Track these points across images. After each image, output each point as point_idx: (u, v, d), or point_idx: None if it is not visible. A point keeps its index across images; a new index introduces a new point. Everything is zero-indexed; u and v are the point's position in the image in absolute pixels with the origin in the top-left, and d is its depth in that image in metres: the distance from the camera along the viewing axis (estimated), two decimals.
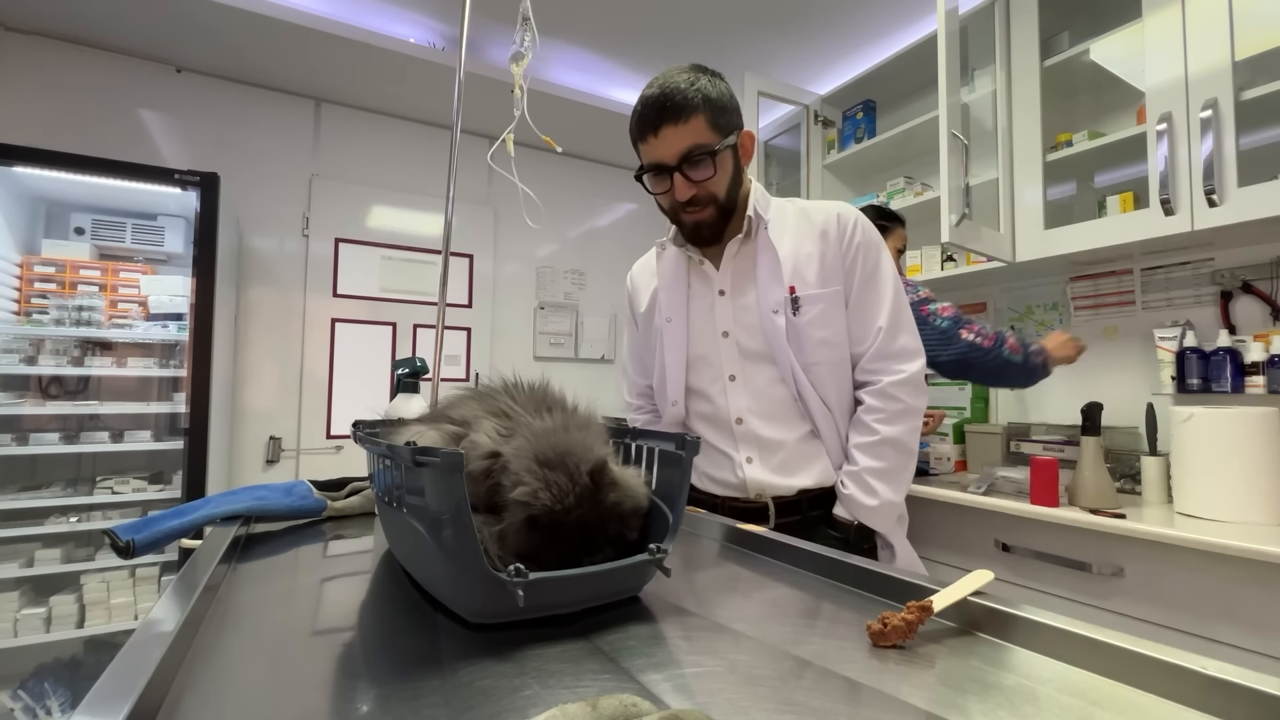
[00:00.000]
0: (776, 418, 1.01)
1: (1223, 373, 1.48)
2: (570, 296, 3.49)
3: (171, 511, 0.76)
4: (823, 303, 0.99)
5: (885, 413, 0.98)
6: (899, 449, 0.98)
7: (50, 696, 1.95)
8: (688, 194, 0.97)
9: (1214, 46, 1.38)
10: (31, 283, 2.18)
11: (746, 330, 1.02)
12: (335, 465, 2.81)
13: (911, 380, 0.98)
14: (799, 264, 1.00)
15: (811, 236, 1.02)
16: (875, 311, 1.01)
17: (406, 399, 1.14)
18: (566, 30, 2.50)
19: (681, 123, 0.92)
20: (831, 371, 1.00)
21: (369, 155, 2.98)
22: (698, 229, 1.02)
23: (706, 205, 0.99)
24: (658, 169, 0.97)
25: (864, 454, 0.98)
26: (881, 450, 0.97)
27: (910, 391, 0.98)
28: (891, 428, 0.97)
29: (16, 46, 2.33)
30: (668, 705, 0.35)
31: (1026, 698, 0.38)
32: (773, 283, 1.00)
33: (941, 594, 0.49)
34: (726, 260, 1.05)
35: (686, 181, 0.96)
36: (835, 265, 1.00)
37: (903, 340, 1.00)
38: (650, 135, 0.95)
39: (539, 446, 0.54)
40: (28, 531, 2.03)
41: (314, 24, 2.34)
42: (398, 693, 0.38)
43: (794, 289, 0.99)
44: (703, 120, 0.93)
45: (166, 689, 0.37)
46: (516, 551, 0.52)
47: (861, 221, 1.03)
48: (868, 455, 0.97)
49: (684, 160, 0.94)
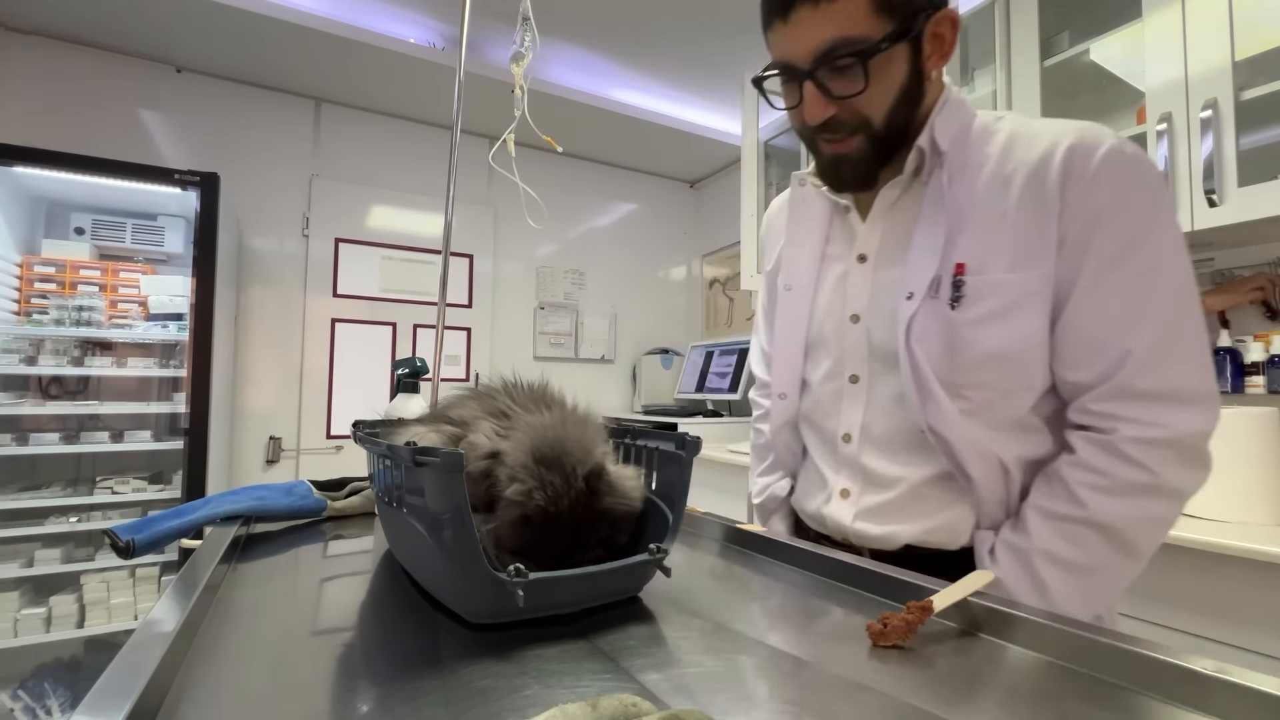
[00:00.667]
0: (896, 447, 0.70)
1: (1223, 373, 1.48)
2: (570, 296, 3.49)
3: (171, 511, 0.76)
4: (1008, 294, 0.63)
5: (1109, 480, 0.59)
6: (1115, 542, 0.60)
7: (50, 696, 1.95)
8: (821, 114, 0.65)
9: (1214, 46, 1.38)
10: (31, 283, 2.18)
11: (883, 318, 0.70)
12: (335, 465, 2.81)
13: (1181, 444, 0.59)
14: (983, 226, 0.64)
15: (1016, 181, 0.64)
16: (1125, 316, 0.60)
17: (406, 399, 1.14)
18: (566, 30, 2.50)
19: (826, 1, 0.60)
20: (1000, 403, 0.65)
21: (369, 155, 2.98)
22: (836, 166, 0.70)
23: (853, 132, 0.66)
24: (786, 71, 0.65)
25: (1047, 529, 0.61)
26: (1080, 534, 0.60)
27: (1174, 460, 0.59)
28: (1114, 504, 0.59)
29: (16, 46, 2.33)
30: (668, 705, 0.35)
31: (1026, 698, 0.38)
32: (927, 252, 0.66)
33: (941, 594, 0.49)
34: (878, 212, 0.73)
35: (821, 95, 0.64)
36: (1047, 234, 0.62)
37: (1175, 372, 0.59)
38: (778, 18, 0.63)
39: (537, 442, 0.54)
40: (28, 531, 2.03)
41: (314, 24, 2.34)
42: (398, 693, 0.38)
43: (962, 268, 0.64)
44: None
45: (166, 689, 0.37)
46: (510, 547, 0.52)
47: (1116, 157, 0.61)
48: (1054, 534, 0.61)
49: (821, 61, 0.62)
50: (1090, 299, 0.61)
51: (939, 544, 0.68)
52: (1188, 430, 0.59)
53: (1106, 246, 0.61)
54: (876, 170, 0.71)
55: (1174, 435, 0.59)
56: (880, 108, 0.65)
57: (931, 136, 0.67)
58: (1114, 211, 0.61)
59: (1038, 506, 0.63)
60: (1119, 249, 0.61)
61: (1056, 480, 0.63)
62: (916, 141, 0.68)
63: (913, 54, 0.64)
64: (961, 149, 0.68)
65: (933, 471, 0.68)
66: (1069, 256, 0.62)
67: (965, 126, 0.69)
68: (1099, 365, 0.61)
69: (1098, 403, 0.62)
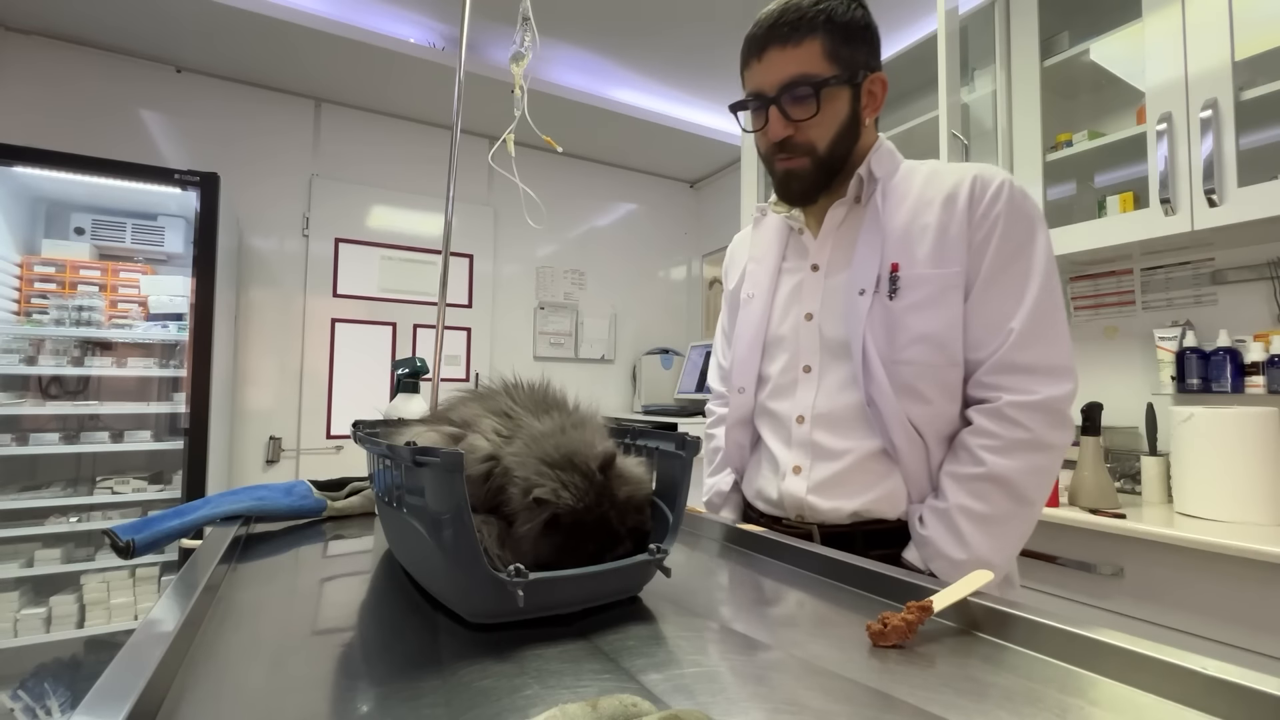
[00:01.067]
0: (843, 424, 0.82)
1: (1223, 373, 1.48)
2: (570, 296, 3.49)
3: (171, 511, 0.76)
4: (931, 286, 0.78)
5: (999, 440, 0.74)
6: (1010, 492, 0.73)
7: (50, 696, 1.95)
8: (781, 134, 0.81)
9: (1214, 46, 1.38)
10: (31, 283, 2.18)
11: (834, 314, 0.84)
12: (335, 465, 2.81)
13: (1047, 406, 0.74)
14: (911, 236, 0.80)
15: (935, 203, 0.80)
16: (1008, 307, 0.76)
17: (406, 399, 1.14)
18: (566, 30, 2.50)
19: (791, 45, 0.78)
20: (928, 378, 0.78)
21: (369, 155, 2.98)
22: (787, 180, 0.85)
23: (803, 154, 0.82)
24: (757, 99, 0.82)
25: (958, 488, 0.75)
26: (983, 489, 0.73)
27: (1043, 420, 0.73)
28: (1004, 460, 0.73)
29: (16, 46, 2.33)
30: (668, 705, 0.35)
31: (1026, 698, 0.38)
32: (869, 257, 0.81)
33: (941, 594, 0.49)
34: (827, 229, 0.88)
35: (782, 118, 0.80)
36: (959, 240, 0.78)
37: (1041, 350, 0.75)
38: (754, 59, 0.81)
39: (541, 450, 0.54)
40: (28, 531, 2.03)
41: (314, 24, 2.34)
42: (398, 693, 0.38)
43: (897, 266, 0.79)
44: (818, 46, 0.78)
45: (166, 689, 0.37)
46: (535, 557, 0.51)
47: (1009, 188, 0.79)
48: (963, 491, 0.74)
49: (784, 90, 0.79)
50: (986, 292, 0.78)
51: (881, 513, 0.80)
52: (1053, 395, 0.74)
53: (998, 253, 0.77)
54: (819, 188, 0.86)
55: (1043, 399, 0.74)
56: (825, 134, 0.82)
57: (869, 167, 0.84)
58: (1004, 227, 0.78)
59: (950, 472, 0.77)
60: (1007, 255, 0.77)
61: (961, 449, 0.77)
62: (857, 171, 0.85)
63: (853, 99, 0.82)
64: (890, 181, 0.85)
65: (874, 446, 0.80)
66: (973, 256, 0.79)
67: (894, 167, 0.87)
68: (990, 343, 0.77)
69: (987, 374, 0.77)
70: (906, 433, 0.77)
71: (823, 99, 0.79)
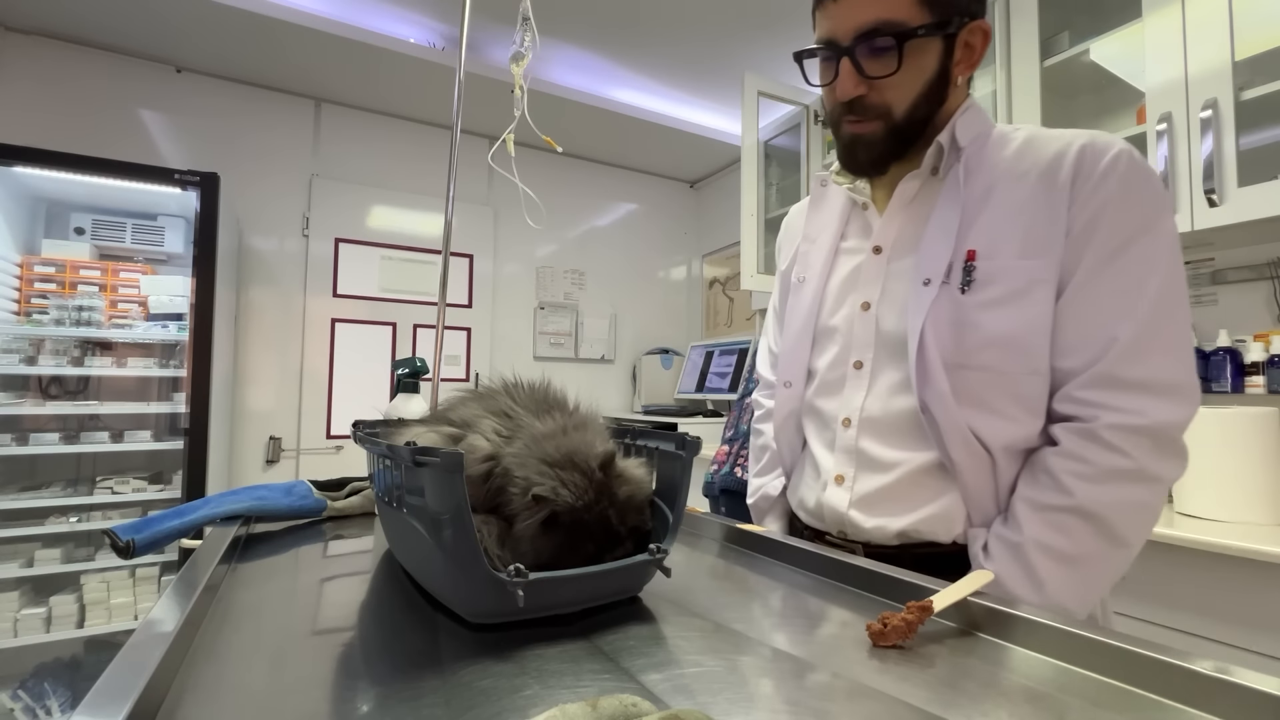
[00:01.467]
0: (893, 431, 0.71)
1: (1222, 373, 1.48)
2: (570, 296, 3.49)
3: (171, 511, 0.76)
4: (1015, 280, 0.65)
5: (1092, 467, 0.61)
6: (1101, 530, 0.61)
7: (50, 696, 1.95)
8: (852, 91, 0.68)
9: (1214, 46, 1.38)
10: (31, 283, 2.18)
11: (894, 305, 0.72)
12: (335, 465, 2.81)
13: (1158, 432, 0.60)
14: (996, 217, 0.67)
15: (1029, 177, 0.67)
16: (1115, 308, 0.62)
17: (406, 399, 1.14)
18: (566, 30, 2.50)
19: None
20: (1000, 388, 0.65)
21: (369, 155, 2.98)
22: (853, 147, 0.73)
23: (874, 117, 0.70)
24: (828, 48, 0.69)
25: (1037, 520, 0.62)
26: (1068, 523, 0.61)
27: (1151, 447, 0.61)
28: (1097, 491, 0.60)
29: (16, 46, 2.33)
30: (668, 705, 0.35)
31: (1026, 698, 0.38)
32: (941, 241, 0.68)
33: (941, 594, 0.49)
34: (897, 205, 0.75)
35: (855, 74, 0.68)
36: (1056, 224, 0.64)
37: (1157, 364, 0.61)
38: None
39: (542, 451, 0.54)
40: (28, 531, 2.03)
41: (314, 24, 2.34)
42: (398, 693, 0.38)
43: (973, 254, 0.67)
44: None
45: (166, 689, 0.37)
46: (535, 555, 0.51)
47: (1127, 160, 0.64)
48: (1043, 524, 0.62)
49: (861, 40, 0.66)
50: (1086, 288, 0.64)
51: (932, 535, 0.68)
52: (1165, 419, 0.61)
53: (1106, 240, 0.63)
54: (890, 158, 0.73)
55: (1151, 423, 0.60)
56: (905, 96, 0.69)
57: (953, 133, 0.71)
58: (1116, 209, 0.63)
59: (1026, 498, 0.65)
60: (1118, 244, 0.63)
61: (1042, 471, 0.64)
62: (937, 137, 0.71)
63: (944, 53, 0.69)
64: (979, 150, 0.71)
65: (928, 458, 0.68)
66: (1072, 246, 0.64)
67: (984, 132, 0.73)
68: (1087, 351, 0.63)
69: (1082, 390, 0.63)
70: (968, 445, 0.65)
71: (906, 53, 0.66)
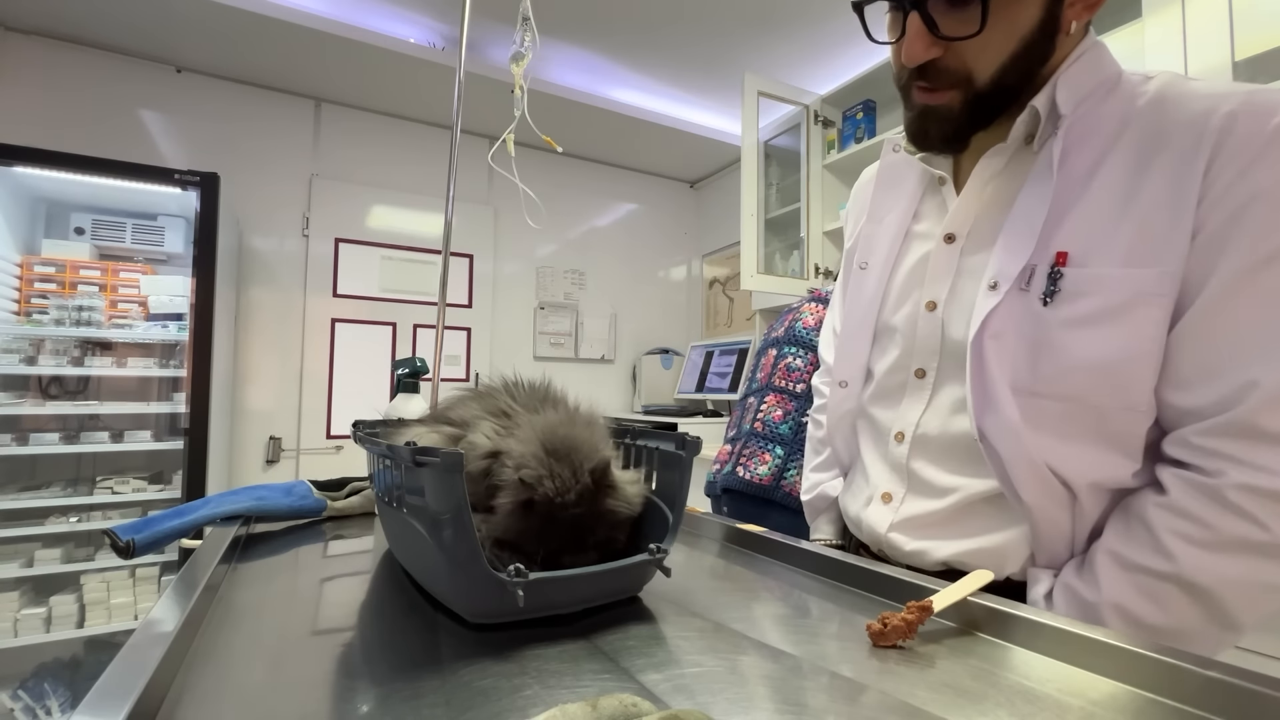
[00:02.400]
0: (953, 454, 0.61)
1: None
2: (570, 296, 3.49)
3: (171, 511, 0.76)
4: (1115, 292, 0.51)
5: (1209, 532, 0.49)
6: (1207, 607, 0.49)
7: (50, 696, 1.95)
8: (922, 55, 0.55)
9: (1214, 46, 1.38)
10: (31, 283, 2.18)
11: (964, 308, 0.60)
12: (335, 465, 2.82)
13: None
14: (1097, 209, 0.53)
15: (1152, 154, 0.52)
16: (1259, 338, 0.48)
17: (406, 399, 1.14)
18: (566, 30, 2.50)
19: None
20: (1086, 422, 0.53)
21: (369, 155, 2.98)
22: (922, 119, 0.60)
23: (950, 85, 0.57)
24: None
25: (1124, 581, 0.51)
26: (1165, 593, 0.50)
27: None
28: (1210, 561, 0.49)
29: (16, 46, 2.33)
30: (668, 705, 0.35)
31: (1026, 698, 0.38)
32: (1022, 234, 0.55)
33: (941, 594, 0.49)
34: (975, 185, 0.62)
35: (926, 32, 0.54)
36: (1179, 223, 0.50)
37: None
38: None
39: (546, 436, 0.54)
40: (28, 531, 2.03)
41: (314, 24, 2.34)
42: (398, 693, 0.38)
43: (1064, 257, 0.53)
44: None
45: (166, 689, 0.37)
46: (505, 534, 0.51)
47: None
48: (1130, 585, 0.51)
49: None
50: (1219, 307, 0.49)
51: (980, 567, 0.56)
52: None
53: (1254, 246, 0.47)
54: (967, 132, 0.60)
55: None
56: (991, 61, 0.55)
57: (1052, 97, 0.55)
58: (1272, 203, 0.47)
59: (1113, 552, 0.52)
60: (1269, 252, 0.47)
61: (1139, 523, 0.52)
62: (1032, 100, 0.56)
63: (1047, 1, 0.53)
64: (1090, 114, 0.55)
65: (988, 486, 0.58)
66: (1201, 252, 0.49)
67: (1101, 86, 0.56)
68: (1214, 391, 0.49)
69: (1206, 438, 0.50)
70: (1043, 481, 0.54)
71: (993, 6, 0.51)
